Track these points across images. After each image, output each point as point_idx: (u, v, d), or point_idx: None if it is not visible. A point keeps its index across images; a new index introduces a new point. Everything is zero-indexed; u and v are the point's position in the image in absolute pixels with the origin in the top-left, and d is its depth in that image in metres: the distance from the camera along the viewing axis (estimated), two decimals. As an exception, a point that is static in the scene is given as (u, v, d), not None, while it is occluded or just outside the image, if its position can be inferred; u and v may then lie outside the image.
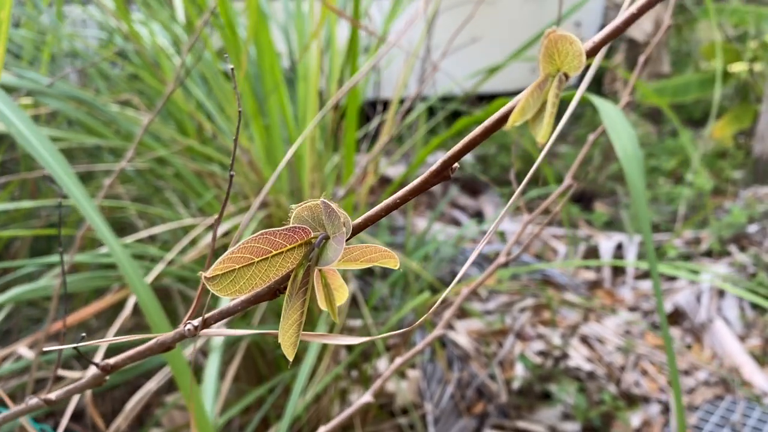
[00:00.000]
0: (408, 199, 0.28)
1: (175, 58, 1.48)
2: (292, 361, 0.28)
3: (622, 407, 1.72)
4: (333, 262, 0.25)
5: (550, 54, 0.23)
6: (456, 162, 0.26)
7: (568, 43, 0.23)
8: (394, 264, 0.30)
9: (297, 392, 1.10)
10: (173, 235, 1.41)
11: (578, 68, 0.23)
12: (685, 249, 2.46)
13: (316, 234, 0.27)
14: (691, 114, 3.92)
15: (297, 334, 0.27)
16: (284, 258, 0.26)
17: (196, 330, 0.29)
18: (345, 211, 1.09)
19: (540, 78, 0.24)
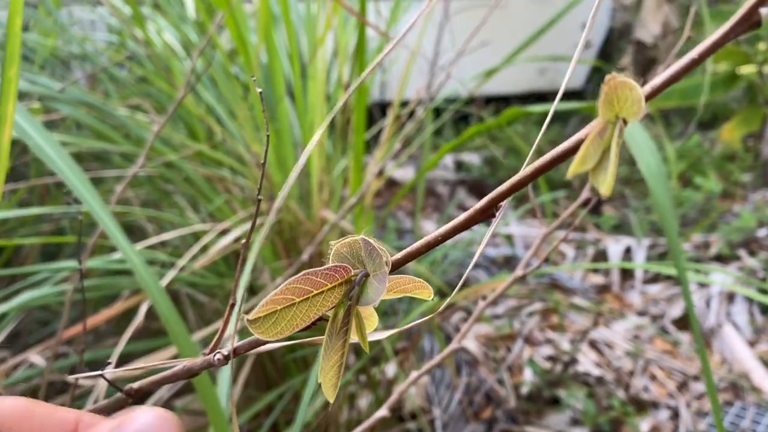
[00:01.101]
0: (450, 236, 0.27)
1: (186, 61, 1.48)
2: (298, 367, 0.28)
3: (631, 413, 1.72)
4: (375, 301, 0.25)
5: (610, 100, 0.23)
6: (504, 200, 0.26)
7: (627, 90, 0.22)
8: (428, 295, 0.29)
9: (307, 398, 1.10)
10: (183, 240, 1.41)
11: (637, 114, 0.23)
12: (693, 253, 2.45)
13: (356, 272, 0.26)
14: (700, 116, 3.91)
15: (338, 375, 0.26)
16: (325, 297, 0.26)
17: (226, 360, 0.29)
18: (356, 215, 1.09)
19: (599, 125, 0.23)
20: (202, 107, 1.45)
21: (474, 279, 2.25)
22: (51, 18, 1.57)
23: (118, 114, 1.32)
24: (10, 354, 1.20)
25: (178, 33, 1.50)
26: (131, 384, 0.37)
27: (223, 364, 0.29)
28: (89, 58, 1.57)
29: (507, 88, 3.81)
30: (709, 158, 3.25)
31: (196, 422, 1.46)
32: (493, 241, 2.65)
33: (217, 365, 0.29)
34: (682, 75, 0.22)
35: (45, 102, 1.26)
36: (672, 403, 1.78)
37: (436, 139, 3.42)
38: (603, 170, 0.23)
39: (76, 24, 1.84)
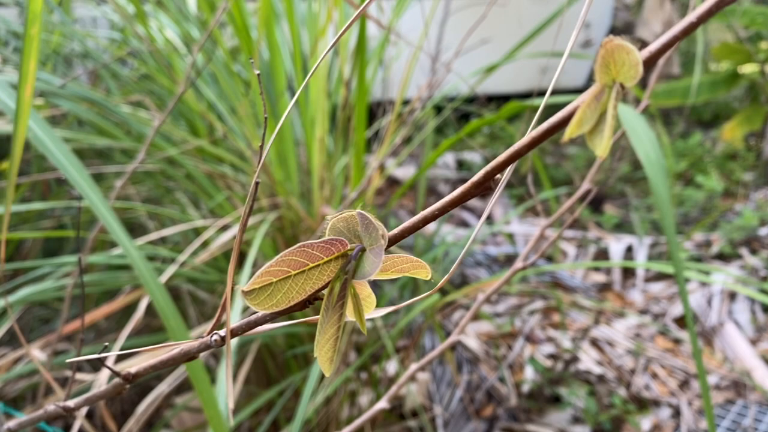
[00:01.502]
0: (447, 210, 0.27)
1: (188, 58, 1.48)
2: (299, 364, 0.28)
3: (633, 411, 1.71)
4: (371, 275, 0.25)
5: (606, 64, 0.23)
6: (499, 173, 0.26)
7: (624, 53, 0.22)
8: (425, 274, 0.29)
9: (307, 395, 1.10)
10: (184, 236, 1.41)
11: (635, 78, 0.22)
12: (695, 252, 2.45)
13: (352, 246, 0.26)
14: (701, 115, 3.90)
15: (334, 348, 0.26)
16: (321, 271, 0.26)
17: (223, 340, 0.29)
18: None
19: (596, 88, 0.23)
20: (203, 104, 1.45)
21: (475, 277, 2.25)
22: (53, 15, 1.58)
23: (120, 110, 1.32)
24: (10, 349, 1.20)
25: (180, 30, 1.50)
26: (129, 369, 0.37)
27: (220, 345, 0.29)
28: (91, 55, 1.57)
29: (508, 87, 3.81)
30: (710, 157, 3.25)
31: (195, 420, 1.46)
32: (495, 239, 2.65)
33: (215, 346, 0.29)
34: (681, 39, 0.22)
35: (47, 98, 1.26)
36: (674, 401, 1.77)
37: (438, 138, 3.42)
38: (599, 133, 0.23)
39: (78, 21, 1.84)
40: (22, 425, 0.48)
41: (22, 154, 0.70)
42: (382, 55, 1.63)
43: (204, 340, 0.31)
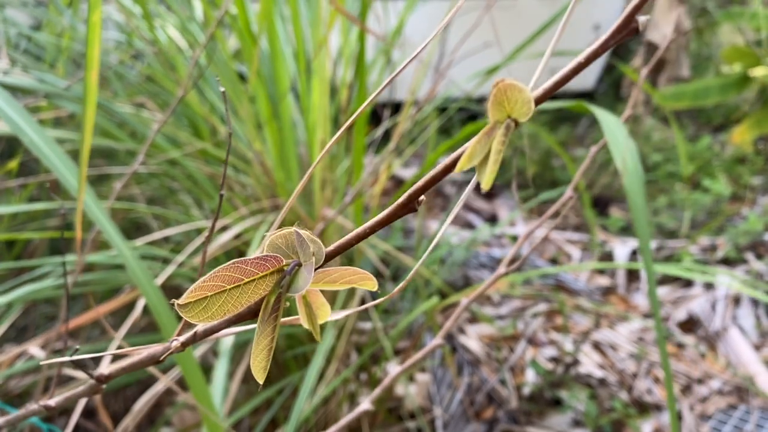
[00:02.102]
0: (377, 229, 0.28)
1: (190, 60, 1.50)
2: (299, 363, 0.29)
3: (634, 415, 1.72)
4: (303, 289, 0.26)
5: (500, 101, 0.24)
6: (422, 195, 0.27)
7: (517, 91, 0.24)
8: (372, 286, 0.30)
9: (304, 394, 1.11)
10: (186, 236, 1.43)
11: (527, 114, 0.24)
12: (701, 256, 2.44)
13: (288, 262, 0.28)
14: (711, 118, 3.88)
15: (267, 358, 0.27)
16: (256, 285, 0.27)
17: (183, 347, 0.30)
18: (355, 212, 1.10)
19: (489, 125, 0.24)
20: (206, 106, 1.47)
21: (478, 279, 2.25)
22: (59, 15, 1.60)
23: (123, 112, 1.34)
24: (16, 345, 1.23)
25: (185, 32, 1.52)
26: (101, 371, 0.39)
27: (180, 350, 0.30)
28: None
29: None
30: (719, 161, 3.23)
31: (196, 417, 1.48)
32: (499, 241, 2.65)
33: (174, 351, 0.30)
34: (569, 79, 0.23)
35: (52, 99, 1.28)
36: (675, 406, 1.77)
37: (444, 140, 3.42)
38: (485, 167, 0.24)
39: (86, 23, 1.86)
40: (10, 421, 0.50)
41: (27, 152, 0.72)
42: (388, 56, 1.64)
43: (166, 345, 0.32)
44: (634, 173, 0.63)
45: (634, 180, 0.62)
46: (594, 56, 0.23)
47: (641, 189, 0.62)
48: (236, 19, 1.33)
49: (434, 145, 1.86)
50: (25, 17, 1.83)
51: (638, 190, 0.62)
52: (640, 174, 0.64)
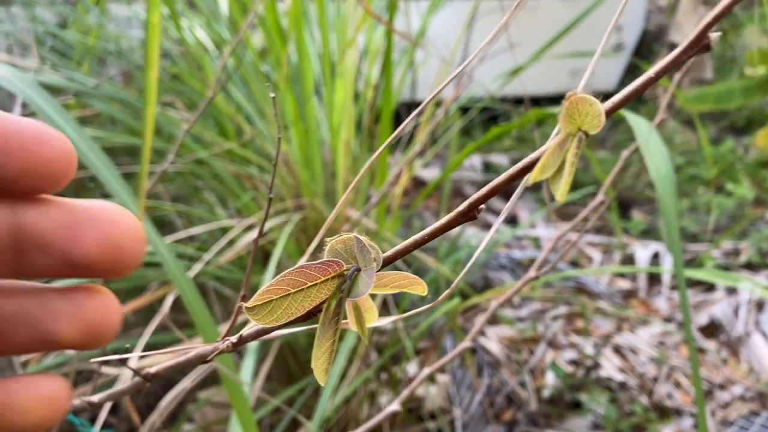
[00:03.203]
0: (436, 236, 0.29)
1: (217, 60, 1.51)
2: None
3: (654, 419, 1.71)
4: (364, 293, 0.27)
5: (571, 114, 0.24)
6: (483, 204, 0.27)
7: (588, 105, 0.24)
8: (422, 290, 0.31)
9: (327, 394, 1.12)
10: (211, 235, 1.44)
11: (598, 127, 0.24)
12: (723, 260, 2.42)
13: (348, 266, 0.28)
14: (734, 121, 3.84)
15: (329, 361, 0.28)
16: (318, 289, 0.28)
17: (235, 346, 0.31)
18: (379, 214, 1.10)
19: (560, 137, 0.25)
20: (232, 106, 1.48)
21: (499, 281, 2.25)
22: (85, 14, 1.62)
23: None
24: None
25: (211, 32, 1.53)
26: (149, 369, 0.39)
27: (231, 350, 0.31)
28: (124, 55, 1.61)
29: (538, 90, 3.79)
30: (742, 164, 3.20)
31: (218, 414, 1.49)
32: (520, 243, 2.65)
33: (226, 351, 0.31)
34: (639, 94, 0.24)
35: (80, 98, 1.30)
36: (696, 411, 1.76)
37: (465, 140, 3.42)
38: (560, 179, 0.24)
39: (112, 21, 1.88)
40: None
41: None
42: (412, 57, 1.65)
43: (216, 345, 0.33)
44: (666, 179, 0.63)
45: (667, 186, 0.62)
46: (664, 71, 0.23)
47: (674, 195, 0.62)
48: (264, 20, 1.34)
49: (457, 146, 1.86)
50: (51, 15, 1.85)
51: (671, 197, 0.62)
52: (672, 180, 0.64)
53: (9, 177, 0.24)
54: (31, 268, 0.26)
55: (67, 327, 0.26)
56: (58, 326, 0.26)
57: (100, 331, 0.27)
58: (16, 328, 0.26)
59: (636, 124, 0.72)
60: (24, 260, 0.26)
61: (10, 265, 0.25)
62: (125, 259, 0.26)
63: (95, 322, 0.26)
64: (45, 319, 0.26)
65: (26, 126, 0.24)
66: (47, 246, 0.25)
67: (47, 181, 0.25)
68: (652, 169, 0.64)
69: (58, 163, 0.25)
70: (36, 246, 0.25)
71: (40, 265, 0.26)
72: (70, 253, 0.25)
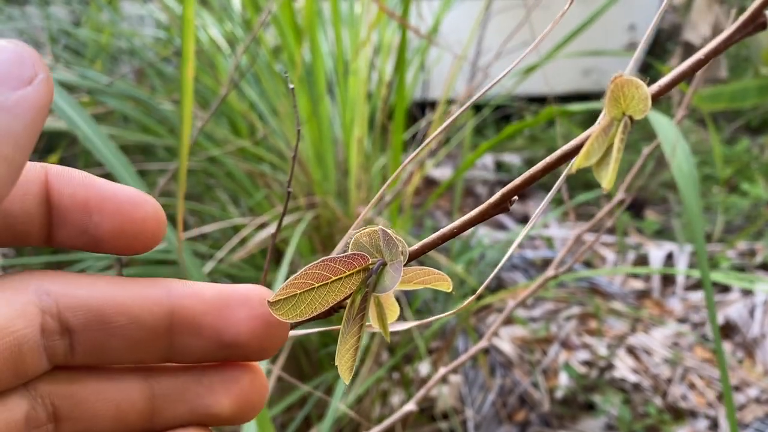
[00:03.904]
0: (465, 229, 0.28)
1: (230, 58, 1.51)
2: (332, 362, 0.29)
3: (668, 421, 1.69)
4: (391, 288, 0.26)
5: (616, 98, 0.23)
6: (516, 195, 0.26)
7: (634, 88, 0.23)
8: (447, 287, 0.30)
9: (339, 393, 1.11)
10: (223, 233, 1.44)
11: (644, 112, 0.23)
12: (738, 261, 2.39)
13: (373, 260, 0.27)
14: (749, 121, 3.81)
15: (354, 358, 0.27)
16: (343, 284, 0.27)
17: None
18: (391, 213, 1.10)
19: (605, 122, 0.24)
20: (245, 104, 1.48)
21: (511, 281, 2.24)
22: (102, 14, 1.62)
23: (164, 108, 1.35)
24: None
25: (224, 29, 1.53)
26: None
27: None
28: (137, 53, 1.61)
29: (550, 89, 3.77)
30: (757, 164, 3.17)
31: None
32: (532, 243, 2.63)
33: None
34: (689, 75, 0.23)
35: (94, 95, 1.30)
36: (711, 412, 1.74)
37: (477, 139, 3.40)
38: (605, 165, 0.23)
39: (125, 19, 1.89)
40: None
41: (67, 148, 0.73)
42: (424, 56, 1.64)
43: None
44: (689, 176, 0.62)
45: (689, 183, 0.61)
46: (715, 52, 0.22)
47: (696, 192, 0.61)
48: (278, 18, 1.33)
49: (470, 144, 1.85)
50: (65, 13, 1.86)
51: (693, 194, 0.61)
52: (694, 177, 0.62)
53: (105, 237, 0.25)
54: (181, 351, 0.26)
55: (224, 399, 0.27)
56: (215, 398, 0.27)
57: (254, 403, 0.27)
58: (174, 405, 0.27)
59: (657, 121, 0.70)
60: (175, 343, 0.26)
61: (163, 350, 0.26)
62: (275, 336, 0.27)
63: (249, 393, 0.27)
64: (202, 393, 0.27)
65: (122, 191, 0.26)
66: (200, 328, 0.26)
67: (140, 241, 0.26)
68: (674, 167, 0.63)
69: (150, 224, 0.26)
70: (188, 328, 0.26)
71: (192, 347, 0.26)
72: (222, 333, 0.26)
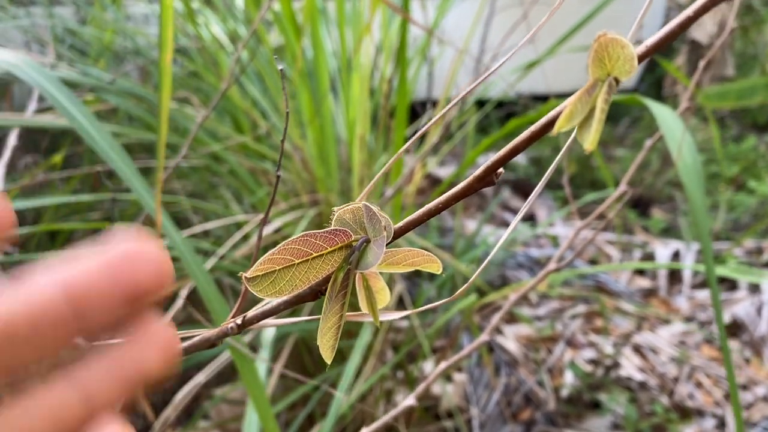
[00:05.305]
0: (450, 204, 0.27)
1: (233, 55, 1.51)
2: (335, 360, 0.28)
3: (675, 419, 1.68)
4: (373, 266, 0.25)
5: (600, 58, 0.23)
6: (501, 167, 0.26)
7: (619, 47, 0.22)
8: (437, 268, 0.29)
9: (342, 390, 1.11)
10: (226, 230, 1.44)
11: (629, 73, 0.22)
12: (745, 258, 2.38)
13: (357, 237, 0.27)
14: (756, 119, 3.78)
15: (335, 337, 0.26)
16: (324, 260, 0.26)
17: (239, 328, 0.30)
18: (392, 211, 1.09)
19: (589, 83, 0.23)
20: (247, 101, 1.48)
21: (516, 279, 2.23)
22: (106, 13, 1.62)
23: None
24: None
25: (227, 28, 1.53)
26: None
27: (236, 333, 0.30)
28: (141, 51, 1.61)
29: (554, 87, 3.75)
30: (764, 162, 3.15)
31: (233, 411, 1.48)
32: (537, 241, 2.62)
33: (231, 333, 0.30)
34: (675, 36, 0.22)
35: (97, 93, 1.30)
36: (718, 411, 1.73)
37: (481, 139, 3.39)
38: (588, 127, 0.23)
39: (129, 19, 1.89)
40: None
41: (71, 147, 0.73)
42: (426, 53, 1.63)
43: (222, 328, 0.32)
44: (693, 169, 0.61)
45: (693, 176, 0.60)
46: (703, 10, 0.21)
47: (701, 185, 0.60)
48: (279, 16, 1.33)
49: (473, 142, 1.84)
50: (69, 12, 1.86)
51: (698, 187, 0.60)
52: (699, 169, 0.61)
53: None
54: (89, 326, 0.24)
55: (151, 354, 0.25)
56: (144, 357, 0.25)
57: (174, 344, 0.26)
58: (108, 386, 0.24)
59: (660, 113, 0.69)
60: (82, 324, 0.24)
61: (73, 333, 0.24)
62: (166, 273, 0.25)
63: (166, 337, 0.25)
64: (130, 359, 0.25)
65: None
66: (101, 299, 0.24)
67: None
68: (677, 159, 0.62)
69: None
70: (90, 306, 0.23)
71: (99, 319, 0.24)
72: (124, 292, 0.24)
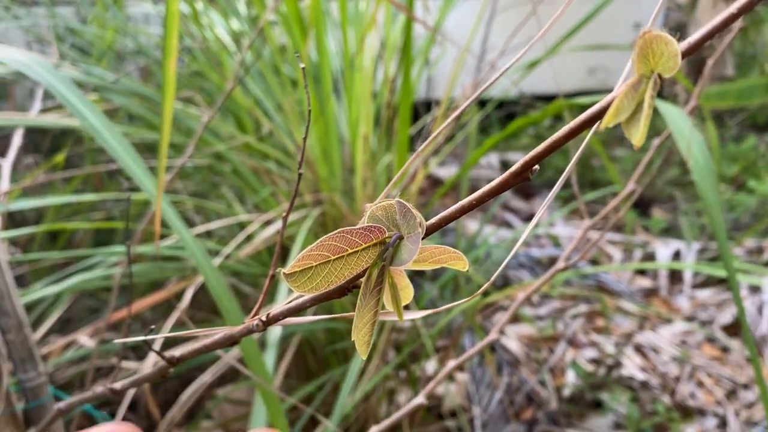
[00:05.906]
0: (484, 200, 0.27)
1: (237, 55, 1.51)
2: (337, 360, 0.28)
3: (677, 419, 1.68)
4: (408, 262, 0.25)
5: (645, 54, 0.23)
6: (537, 163, 0.26)
7: (663, 44, 0.22)
8: (463, 266, 0.30)
9: (346, 390, 1.11)
10: (229, 230, 1.43)
11: (673, 69, 0.22)
12: (746, 258, 2.38)
13: (390, 234, 0.27)
14: (756, 119, 3.79)
15: (371, 332, 0.27)
16: (359, 257, 0.26)
17: (265, 325, 0.30)
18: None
19: (634, 78, 0.23)
20: (250, 100, 1.48)
21: (517, 279, 2.23)
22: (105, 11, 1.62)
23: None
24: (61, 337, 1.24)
25: (230, 28, 1.53)
26: (173, 352, 0.38)
27: (262, 330, 0.30)
28: (143, 51, 1.61)
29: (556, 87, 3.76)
30: (764, 161, 3.16)
31: (236, 411, 1.48)
32: (538, 241, 2.62)
33: (257, 330, 0.30)
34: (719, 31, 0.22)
35: (100, 92, 1.30)
36: (720, 411, 1.73)
37: (483, 139, 3.40)
38: (636, 122, 0.23)
39: (131, 18, 1.89)
40: (72, 406, 0.50)
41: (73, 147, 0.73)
42: (427, 54, 1.63)
43: (247, 325, 0.32)
44: (704, 166, 0.61)
45: (705, 173, 0.60)
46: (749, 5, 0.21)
47: (714, 183, 0.60)
48: (285, 16, 1.33)
49: (475, 142, 1.84)
50: (71, 12, 1.86)
51: (711, 185, 0.59)
52: (710, 167, 0.61)
53: None
54: None
55: None
56: None
57: None
58: None
59: (668, 113, 0.69)
60: None
61: None
62: None
63: None
64: None
65: None
66: None
67: None
68: (687, 158, 0.62)
69: None
70: None
71: None
72: None
